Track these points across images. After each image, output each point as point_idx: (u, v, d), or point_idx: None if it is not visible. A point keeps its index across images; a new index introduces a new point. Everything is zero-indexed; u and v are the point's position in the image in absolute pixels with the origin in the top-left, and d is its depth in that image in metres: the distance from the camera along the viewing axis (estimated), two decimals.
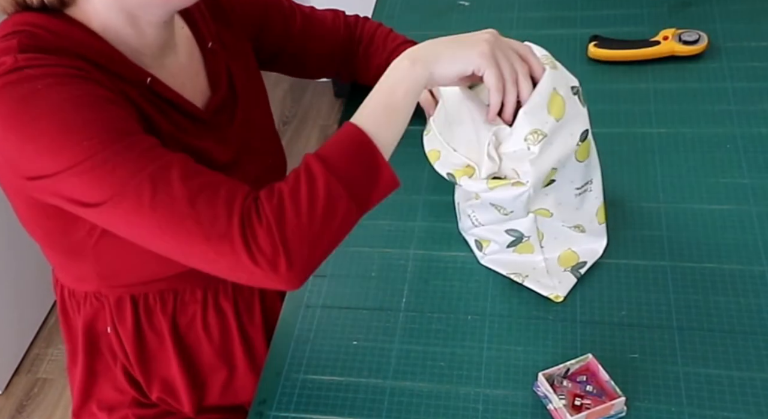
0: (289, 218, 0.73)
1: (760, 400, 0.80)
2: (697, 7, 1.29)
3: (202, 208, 0.73)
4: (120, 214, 0.74)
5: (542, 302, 0.92)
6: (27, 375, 1.99)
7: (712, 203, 0.99)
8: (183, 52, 0.91)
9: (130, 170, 0.73)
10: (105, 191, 0.73)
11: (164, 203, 0.73)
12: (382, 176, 0.78)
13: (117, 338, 0.98)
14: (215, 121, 0.92)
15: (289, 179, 0.76)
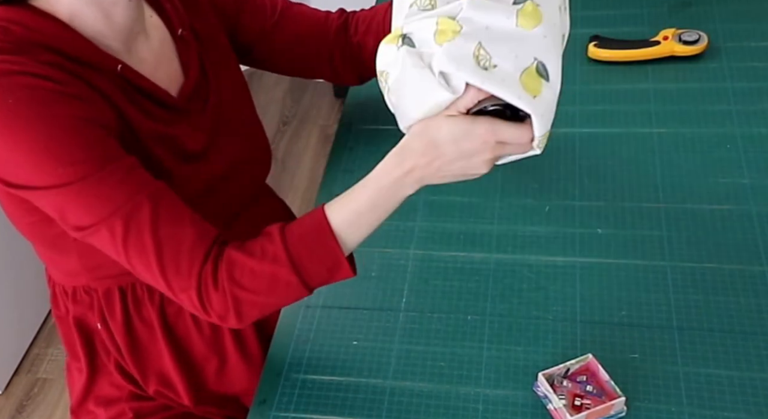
0: (245, 297, 0.80)
1: (760, 400, 0.80)
2: (697, 7, 1.29)
3: (167, 261, 0.79)
4: (94, 241, 0.80)
5: (542, 302, 0.92)
6: (27, 375, 1.99)
7: (712, 203, 0.99)
8: (154, 40, 0.91)
9: (105, 205, 0.78)
10: (79, 220, 0.78)
11: (134, 247, 0.79)
12: (339, 274, 0.82)
13: (108, 333, 0.98)
14: (188, 107, 0.92)
15: (254, 255, 0.80)
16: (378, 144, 1.17)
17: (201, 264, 0.79)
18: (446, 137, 0.75)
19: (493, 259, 0.98)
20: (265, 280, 0.80)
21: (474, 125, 0.74)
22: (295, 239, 0.80)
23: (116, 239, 0.78)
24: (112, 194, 0.77)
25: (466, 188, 1.07)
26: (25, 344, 2.03)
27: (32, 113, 0.75)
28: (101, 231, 0.78)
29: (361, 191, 0.80)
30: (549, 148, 1.11)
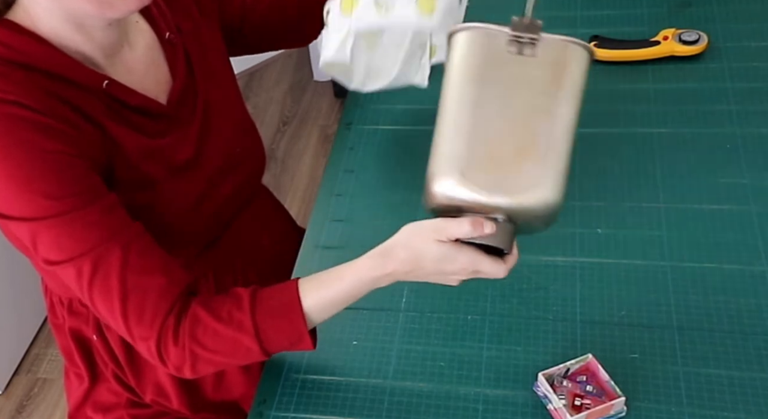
0: (203, 355, 0.81)
1: (760, 400, 0.80)
2: (697, 7, 1.29)
3: (130, 309, 0.79)
4: (61, 276, 0.80)
5: (542, 302, 0.92)
6: (27, 375, 1.99)
7: (712, 203, 0.99)
8: (140, 45, 0.90)
9: (76, 245, 0.78)
10: (48, 254, 0.78)
11: (99, 290, 0.79)
12: (299, 346, 0.84)
13: (104, 345, 0.98)
14: (177, 114, 0.92)
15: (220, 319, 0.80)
16: (378, 144, 1.17)
17: (164, 317, 0.80)
18: (431, 256, 0.79)
19: None
20: (226, 343, 0.81)
21: (459, 253, 0.78)
22: (264, 311, 0.81)
23: (82, 280, 0.78)
24: (85, 234, 0.77)
25: None
26: (25, 344, 2.03)
27: (16, 144, 0.74)
28: (69, 269, 0.78)
29: (338, 282, 0.82)
30: None
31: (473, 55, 0.80)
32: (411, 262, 0.80)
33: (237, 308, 0.81)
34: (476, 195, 0.77)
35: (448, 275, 0.81)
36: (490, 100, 0.78)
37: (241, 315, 0.80)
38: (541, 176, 0.77)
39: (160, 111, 0.89)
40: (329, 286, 0.82)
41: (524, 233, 0.81)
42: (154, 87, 0.90)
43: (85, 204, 0.77)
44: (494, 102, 0.78)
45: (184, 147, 0.91)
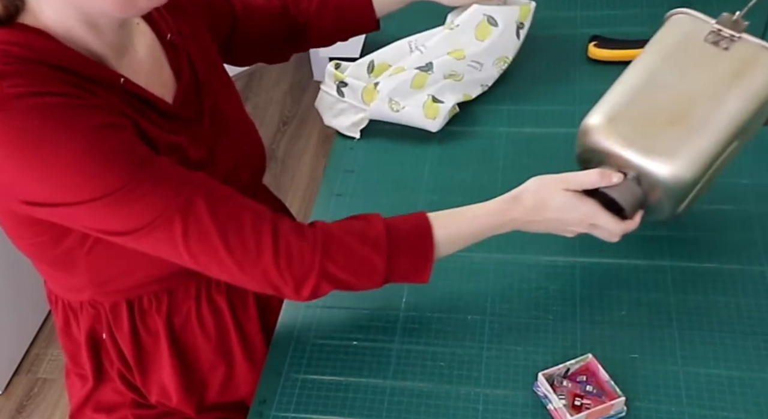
0: (333, 271, 0.82)
1: (760, 400, 0.80)
2: (697, 7, 1.29)
3: (232, 240, 0.79)
4: (149, 243, 0.79)
5: (542, 302, 0.92)
6: (27, 375, 1.99)
7: (712, 203, 0.99)
8: (143, 47, 0.90)
9: (157, 202, 0.77)
10: (131, 223, 0.77)
11: (196, 237, 0.78)
12: (416, 278, 0.86)
13: (113, 344, 0.98)
14: (186, 115, 0.92)
15: (355, 235, 0.83)
16: (378, 144, 1.17)
17: (271, 237, 0.80)
18: (555, 204, 0.86)
19: (493, 259, 0.98)
20: (357, 260, 0.82)
21: (581, 202, 0.86)
22: (399, 235, 0.84)
23: (174, 235, 0.78)
24: (162, 190, 0.77)
25: (466, 188, 1.07)
26: (25, 344, 2.03)
27: (60, 131, 0.74)
28: (157, 230, 0.77)
29: (469, 220, 0.87)
30: (549, 148, 1.12)
31: (673, 34, 0.89)
32: (535, 210, 0.87)
33: (370, 227, 0.84)
34: (613, 143, 0.84)
35: (567, 225, 0.87)
36: (667, 72, 0.86)
37: (376, 233, 0.83)
38: (680, 149, 0.82)
39: (169, 110, 0.89)
40: (460, 222, 0.87)
41: (649, 214, 0.87)
42: (160, 88, 0.90)
43: (147, 165, 0.77)
44: (670, 75, 0.86)
45: (198, 147, 0.91)
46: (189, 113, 0.92)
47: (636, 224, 0.87)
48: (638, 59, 0.90)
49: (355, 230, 0.83)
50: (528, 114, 1.17)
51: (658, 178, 0.82)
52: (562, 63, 1.24)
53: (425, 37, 1.21)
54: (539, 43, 1.25)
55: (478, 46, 1.17)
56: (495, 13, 1.17)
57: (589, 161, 0.89)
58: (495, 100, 1.19)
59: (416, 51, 1.19)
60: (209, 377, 1.02)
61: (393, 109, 1.14)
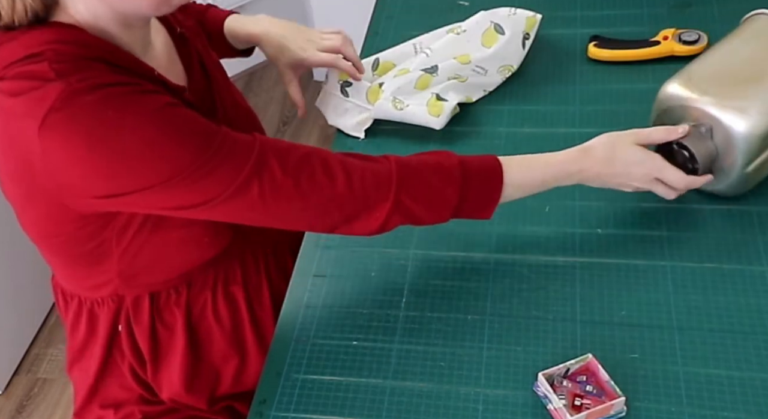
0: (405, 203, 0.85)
1: (760, 400, 0.80)
2: (697, 7, 1.29)
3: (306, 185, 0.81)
4: (224, 209, 0.80)
5: (542, 302, 0.92)
6: (27, 375, 1.99)
7: (711, 203, 0.99)
8: (159, 42, 0.92)
9: (231, 169, 0.78)
10: (208, 194, 0.79)
11: (272, 194, 0.80)
12: (481, 213, 0.90)
13: (129, 339, 0.98)
14: (202, 107, 0.93)
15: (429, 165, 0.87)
16: (378, 144, 1.17)
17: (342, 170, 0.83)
18: (626, 157, 0.91)
19: (493, 259, 0.98)
20: (431, 192, 0.86)
21: (649, 157, 0.92)
22: (473, 170, 0.88)
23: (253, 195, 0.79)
24: (232, 159, 0.78)
25: None
26: (25, 344, 2.03)
27: (133, 117, 0.75)
28: (234, 195, 0.79)
29: (539, 169, 0.91)
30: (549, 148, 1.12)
31: (750, 28, 1.00)
32: (605, 162, 0.91)
33: (444, 159, 0.88)
34: (690, 96, 0.92)
35: (632, 180, 0.93)
36: (745, 47, 0.97)
37: (450, 165, 0.87)
38: (755, 104, 0.90)
39: (193, 101, 0.90)
40: (530, 169, 0.91)
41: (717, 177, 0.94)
42: (177, 82, 0.91)
43: (218, 131, 0.79)
44: (747, 49, 0.96)
45: None
46: (203, 105, 0.93)
47: (700, 181, 0.93)
48: (717, 44, 1.00)
49: (429, 162, 0.86)
50: (528, 114, 1.17)
51: (732, 129, 0.89)
52: (562, 63, 1.24)
53: (430, 40, 1.23)
54: (539, 43, 1.25)
55: (483, 52, 1.18)
56: (502, 21, 1.19)
57: (663, 124, 0.96)
58: (495, 101, 1.20)
59: (421, 53, 1.20)
60: (222, 369, 1.02)
61: (397, 107, 1.14)
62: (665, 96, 0.95)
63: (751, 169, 0.92)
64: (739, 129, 0.88)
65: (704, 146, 0.91)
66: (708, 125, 0.91)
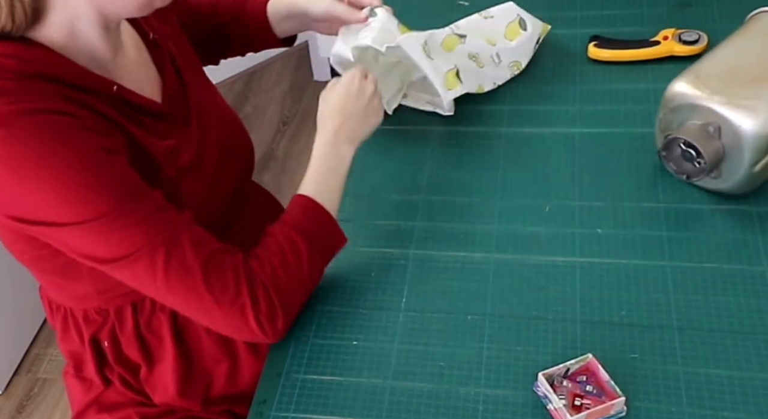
0: (285, 288, 0.85)
1: (760, 400, 0.80)
2: (697, 7, 1.29)
3: (214, 278, 0.80)
4: (129, 273, 0.79)
5: (542, 302, 0.92)
6: (27, 375, 1.99)
7: (711, 203, 0.99)
8: (131, 47, 0.91)
9: (143, 233, 0.77)
10: (115, 252, 0.77)
11: (178, 271, 0.79)
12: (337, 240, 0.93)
13: (115, 350, 0.98)
14: (175, 114, 0.92)
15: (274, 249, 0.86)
16: (378, 144, 1.17)
17: (244, 270, 0.82)
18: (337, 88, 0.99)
19: (493, 259, 0.98)
20: (292, 266, 0.85)
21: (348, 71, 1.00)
22: (294, 218, 0.89)
23: (156, 267, 0.78)
24: (150, 222, 0.78)
25: (466, 188, 1.07)
26: (25, 344, 2.03)
27: (56, 151, 0.74)
28: (140, 260, 0.77)
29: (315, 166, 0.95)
30: (549, 148, 1.12)
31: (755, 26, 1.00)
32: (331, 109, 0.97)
33: (272, 234, 0.88)
34: (699, 94, 0.92)
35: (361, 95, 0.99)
36: (752, 45, 0.97)
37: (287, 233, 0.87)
38: (763, 103, 0.89)
39: (161, 111, 0.89)
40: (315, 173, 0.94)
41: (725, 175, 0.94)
42: (149, 90, 0.90)
43: (141, 196, 0.78)
44: (754, 46, 0.96)
45: (187, 148, 0.92)
46: (178, 112, 0.93)
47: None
48: (723, 42, 1.00)
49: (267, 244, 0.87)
50: (528, 114, 1.17)
51: (741, 129, 0.88)
52: (562, 63, 1.24)
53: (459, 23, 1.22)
54: (539, 43, 1.25)
55: (504, 43, 1.19)
56: (527, 19, 1.20)
57: (670, 122, 0.96)
58: (495, 100, 1.20)
59: (449, 29, 1.20)
60: (214, 371, 1.02)
61: (425, 51, 1.09)
62: (673, 94, 0.95)
63: (757, 168, 0.92)
64: (748, 128, 0.88)
65: (711, 145, 0.91)
66: (716, 124, 0.91)
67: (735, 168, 0.93)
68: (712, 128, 0.91)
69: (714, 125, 0.91)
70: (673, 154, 0.94)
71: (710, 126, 0.91)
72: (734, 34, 1.01)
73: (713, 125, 0.91)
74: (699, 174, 0.93)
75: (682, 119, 0.95)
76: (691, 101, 0.92)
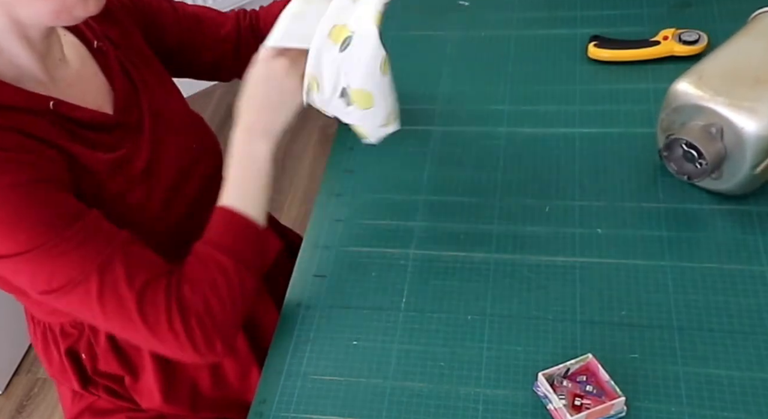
0: (219, 316, 0.81)
1: (760, 400, 0.80)
2: (697, 7, 1.29)
3: (148, 308, 0.78)
4: (66, 303, 0.78)
5: (542, 302, 0.92)
6: (27, 375, 1.99)
7: (711, 203, 0.99)
8: (73, 59, 0.89)
9: (76, 262, 0.76)
10: (50, 283, 0.76)
11: (112, 302, 0.77)
12: (269, 246, 0.89)
13: (93, 363, 0.98)
14: (126, 121, 0.91)
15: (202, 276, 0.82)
16: (378, 144, 1.17)
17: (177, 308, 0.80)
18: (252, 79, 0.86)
19: (493, 259, 0.98)
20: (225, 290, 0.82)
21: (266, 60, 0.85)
22: (218, 235, 0.84)
23: (91, 298, 0.76)
24: (82, 253, 0.76)
25: (466, 188, 1.07)
26: (25, 344, 2.03)
27: None
28: (75, 290, 0.76)
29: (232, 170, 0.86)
30: (549, 148, 1.12)
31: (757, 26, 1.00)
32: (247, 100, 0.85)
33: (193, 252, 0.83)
34: (701, 95, 0.92)
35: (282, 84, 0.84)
36: (755, 45, 0.97)
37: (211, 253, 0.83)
38: (766, 106, 0.89)
39: (109, 122, 0.88)
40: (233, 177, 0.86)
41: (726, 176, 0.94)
42: (97, 100, 0.89)
43: (73, 222, 0.76)
44: (757, 47, 0.96)
45: (139, 156, 0.90)
46: (129, 118, 0.91)
47: None
48: (725, 42, 0.99)
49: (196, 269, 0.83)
50: (528, 114, 1.17)
51: (744, 130, 0.89)
52: (562, 63, 1.24)
53: None
54: (539, 43, 1.25)
55: None
56: None
57: (672, 123, 0.95)
58: (495, 101, 1.20)
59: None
60: (197, 376, 1.02)
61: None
62: (675, 95, 0.95)
63: (759, 170, 0.92)
64: (750, 130, 0.89)
65: (713, 146, 0.91)
66: (718, 125, 0.91)
67: (736, 169, 0.93)
68: (714, 129, 0.91)
69: (716, 126, 0.91)
70: (674, 154, 0.94)
71: (712, 127, 0.91)
72: (737, 35, 1.01)
73: (715, 126, 0.91)
74: (700, 175, 0.93)
75: (684, 120, 0.95)
76: (694, 102, 0.92)
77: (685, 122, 0.94)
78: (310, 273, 1.00)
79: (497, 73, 1.23)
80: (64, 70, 0.87)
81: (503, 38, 1.29)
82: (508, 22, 1.33)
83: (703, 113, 0.92)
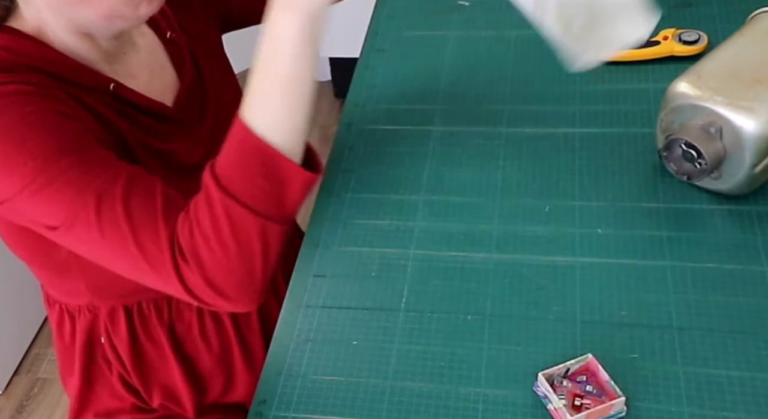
0: (206, 259, 0.72)
1: (760, 400, 0.80)
2: (697, 7, 1.29)
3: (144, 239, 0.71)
4: (74, 236, 0.73)
5: (542, 302, 0.92)
6: (27, 375, 1.99)
7: (711, 203, 0.99)
8: (144, 49, 0.90)
9: (74, 189, 0.71)
10: (57, 214, 0.72)
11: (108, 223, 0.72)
12: (289, 180, 0.74)
13: (112, 348, 0.98)
14: (186, 117, 0.91)
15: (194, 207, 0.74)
16: (378, 144, 1.17)
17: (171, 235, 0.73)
18: None
19: (493, 259, 0.98)
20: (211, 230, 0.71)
21: None
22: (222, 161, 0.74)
23: (90, 221, 0.71)
24: (82, 177, 0.72)
25: (466, 188, 1.07)
26: (25, 344, 2.03)
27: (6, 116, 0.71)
28: (78, 220, 0.72)
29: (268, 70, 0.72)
30: (549, 148, 1.12)
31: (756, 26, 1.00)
32: None
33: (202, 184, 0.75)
34: (700, 95, 0.92)
35: None
36: (753, 47, 0.97)
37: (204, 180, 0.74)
38: (765, 106, 0.89)
39: (167, 113, 0.89)
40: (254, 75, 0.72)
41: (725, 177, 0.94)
42: (161, 90, 0.89)
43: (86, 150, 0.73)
44: (755, 49, 0.96)
45: (192, 151, 0.91)
46: (190, 114, 0.92)
47: None
48: (724, 42, 0.99)
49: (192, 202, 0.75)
50: (528, 114, 1.17)
51: (743, 130, 0.89)
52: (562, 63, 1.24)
53: None
54: (539, 43, 1.25)
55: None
56: None
57: (671, 123, 0.95)
58: (495, 100, 1.20)
59: None
60: (209, 383, 1.02)
61: None
62: (674, 95, 0.95)
63: (758, 170, 0.92)
64: (749, 130, 0.89)
65: (713, 146, 0.91)
66: (717, 125, 0.91)
67: (736, 169, 0.93)
68: (714, 128, 0.91)
69: (715, 125, 0.91)
70: (673, 154, 0.94)
71: (711, 127, 0.91)
72: (736, 35, 1.01)
73: (714, 125, 0.91)
74: (700, 175, 0.93)
75: (683, 120, 0.95)
76: (693, 102, 0.93)
77: (684, 122, 0.94)
78: (310, 273, 1.00)
79: (497, 73, 1.23)
80: (129, 60, 0.87)
81: (503, 38, 1.29)
82: (509, 22, 1.33)
83: (702, 113, 0.92)
